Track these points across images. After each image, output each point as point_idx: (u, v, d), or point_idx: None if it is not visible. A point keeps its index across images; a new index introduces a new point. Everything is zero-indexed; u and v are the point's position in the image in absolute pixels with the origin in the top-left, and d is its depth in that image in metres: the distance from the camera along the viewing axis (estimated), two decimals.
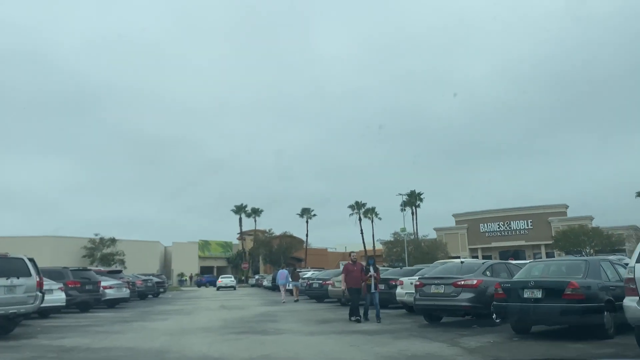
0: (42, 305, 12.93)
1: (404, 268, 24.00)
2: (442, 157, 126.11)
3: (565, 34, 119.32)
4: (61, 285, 18.05)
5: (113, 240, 64.17)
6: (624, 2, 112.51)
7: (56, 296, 17.53)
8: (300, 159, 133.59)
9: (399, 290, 17.84)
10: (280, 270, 30.29)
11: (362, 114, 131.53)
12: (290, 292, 29.81)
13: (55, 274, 19.50)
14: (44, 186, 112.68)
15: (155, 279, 35.98)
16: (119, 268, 61.91)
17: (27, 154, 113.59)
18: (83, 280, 20.25)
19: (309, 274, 32.53)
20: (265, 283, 47.57)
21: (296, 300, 27.63)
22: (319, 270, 35.46)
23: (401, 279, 18.10)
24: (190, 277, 78.29)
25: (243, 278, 73.65)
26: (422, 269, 19.38)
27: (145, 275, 36.82)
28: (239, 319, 16.45)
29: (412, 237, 72.32)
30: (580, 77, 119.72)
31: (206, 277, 73.81)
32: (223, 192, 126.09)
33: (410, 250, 68.84)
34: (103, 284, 22.38)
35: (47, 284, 17.19)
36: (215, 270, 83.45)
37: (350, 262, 15.73)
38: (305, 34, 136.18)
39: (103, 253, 63.53)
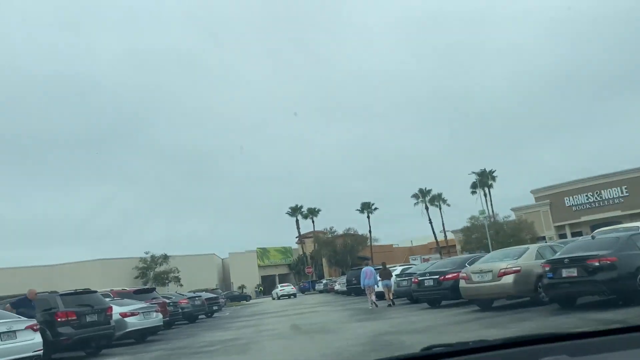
0: None
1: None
2: (504, 134, 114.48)
3: None
4: (33, 323, 10.73)
5: (165, 257, 58.07)
6: None
7: (24, 341, 10.25)
8: (351, 154, 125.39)
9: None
10: (366, 268, 22.36)
11: (411, 97, 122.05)
12: (380, 295, 21.99)
13: (37, 304, 12.32)
14: (98, 212, 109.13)
15: (207, 295, 28.75)
16: (171, 286, 55.96)
17: (80, 183, 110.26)
18: (81, 309, 12.90)
19: (398, 269, 24.46)
20: (337, 287, 39.64)
21: (390, 305, 19.96)
22: (406, 265, 27.28)
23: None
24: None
25: (306, 284, 66.25)
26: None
27: (195, 292, 29.66)
28: (337, 355, 8.52)
29: (492, 219, 62.79)
30: None
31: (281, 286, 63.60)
32: (277, 199, 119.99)
33: (492, 235, 59.66)
34: (121, 309, 15.11)
35: (5, 323, 10.03)
36: (277, 278, 76.54)
37: None
38: (339, 21, 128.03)
39: (156, 272, 57.48)
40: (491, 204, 71.50)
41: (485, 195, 74.11)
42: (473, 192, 74.13)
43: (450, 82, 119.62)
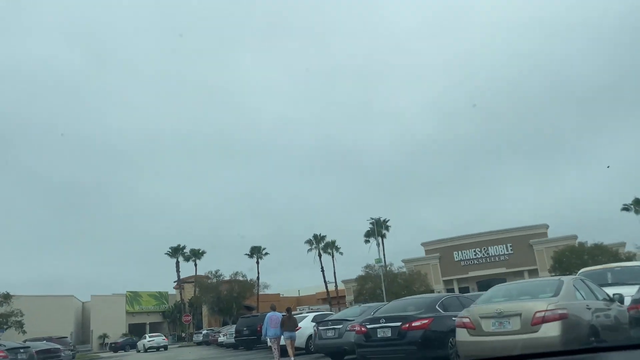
0: None
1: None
2: (393, 187, 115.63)
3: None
4: None
5: (6, 297, 46.65)
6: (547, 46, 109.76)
7: None
8: (241, 196, 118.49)
9: None
10: (271, 314, 16.62)
11: (302, 144, 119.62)
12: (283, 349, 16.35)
13: None
14: None
15: (45, 345, 20.75)
16: (10, 332, 44.79)
17: None
18: None
19: (310, 316, 18.98)
20: (222, 338, 32.55)
21: None
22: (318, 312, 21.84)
23: None
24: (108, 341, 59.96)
25: (184, 335, 57.38)
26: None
27: (25, 341, 21.44)
28: None
29: (388, 269, 59.65)
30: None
31: (124, 339, 55.75)
32: (156, 239, 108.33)
33: (386, 285, 56.36)
34: None
35: None
36: (147, 327, 66.31)
37: None
38: (234, 65, 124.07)
39: None
40: (384, 255, 68.80)
41: (378, 245, 71.38)
42: (366, 241, 71.25)
43: (341, 134, 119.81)
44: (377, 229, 69.99)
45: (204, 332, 45.05)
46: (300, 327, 17.36)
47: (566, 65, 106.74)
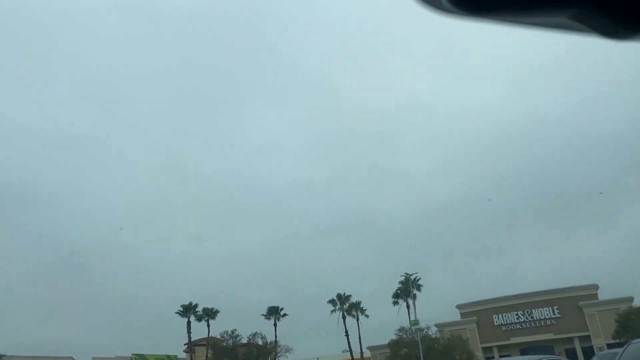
0: None
1: None
2: (425, 247, 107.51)
3: None
4: None
5: None
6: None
7: None
8: (252, 259, 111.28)
9: None
10: None
11: (312, 210, 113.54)
12: None
13: None
14: None
15: None
16: None
17: None
18: None
19: None
20: None
21: None
22: None
23: None
24: None
25: None
26: None
27: None
28: None
29: (424, 332, 52.68)
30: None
31: None
32: (164, 302, 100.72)
33: (423, 351, 49.30)
34: None
35: None
36: None
37: None
38: (241, 123, 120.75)
39: None
40: (415, 317, 61.66)
41: (408, 307, 64.43)
42: (395, 303, 64.45)
43: (358, 195, 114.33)
44: (408, 289, 63.52)
45: None
46: None
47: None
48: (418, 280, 62.71)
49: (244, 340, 50.97)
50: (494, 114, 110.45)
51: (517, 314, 60.80)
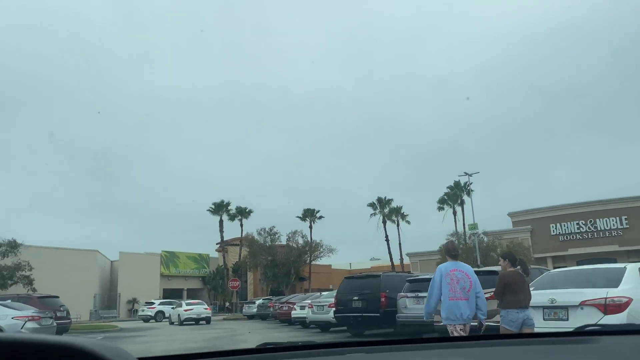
0: None
1: None
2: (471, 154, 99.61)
3: None
4: None
5: (13, 245, 36.17)
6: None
7: None
8: (284, 168, 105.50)
9: None
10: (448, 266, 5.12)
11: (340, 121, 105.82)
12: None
13: None
14: None
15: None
16: (16, 288, 34.43)
17: None
18: None
19: None
20: (298, 312, 20.54)
21: None
22: None
23: None
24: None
25: (228, 304, 46.37)
26: None
27: None
28: None
29: (480, 237, 47.16)
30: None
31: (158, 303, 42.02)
32: (193, 204, 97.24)
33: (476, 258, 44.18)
34: None
35: None
36: (184, 293, 55.78)
37: None
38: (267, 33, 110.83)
39: None
40: (463, 225, 55.97)
41: (455, 213, 58.64)
42: (440, 208, 58.86)
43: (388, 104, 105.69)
44: (455, 195, 57.47)
45: (259, 301, 33.43)
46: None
47: None
48: (469, 185, 56.26)
49: (283, 241, 46.01)
50: (531, 20, 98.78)
51: (577, 224, 54.64)
